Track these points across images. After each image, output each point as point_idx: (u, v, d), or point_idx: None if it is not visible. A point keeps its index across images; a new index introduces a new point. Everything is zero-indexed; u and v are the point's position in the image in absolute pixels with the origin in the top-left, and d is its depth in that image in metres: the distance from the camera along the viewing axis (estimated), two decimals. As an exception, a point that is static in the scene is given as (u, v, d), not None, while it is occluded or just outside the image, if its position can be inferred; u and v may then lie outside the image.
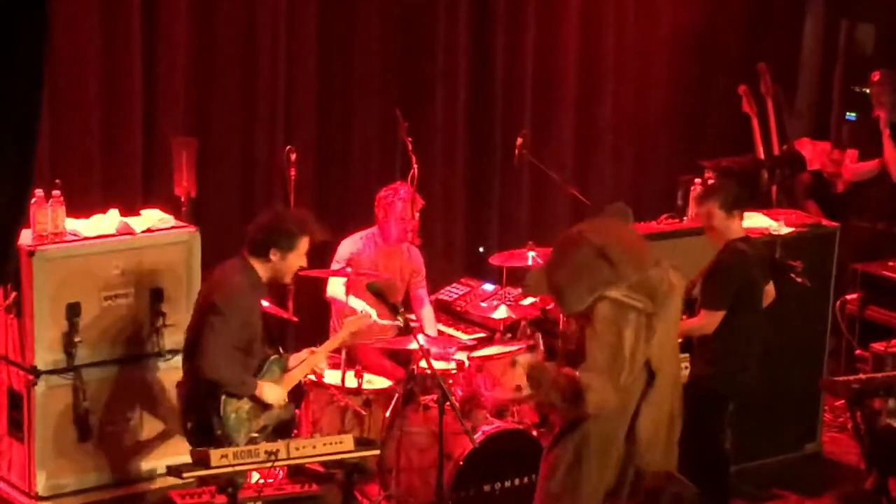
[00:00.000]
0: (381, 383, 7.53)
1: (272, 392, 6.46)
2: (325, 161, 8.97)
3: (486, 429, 7.11)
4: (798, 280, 7.71)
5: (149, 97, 8.23)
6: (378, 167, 9.03)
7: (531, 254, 7.88)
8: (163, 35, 8.24)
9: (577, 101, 9.98)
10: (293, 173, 7.94)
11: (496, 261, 8.13)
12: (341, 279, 7.77)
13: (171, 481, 6.04)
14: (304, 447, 5.74)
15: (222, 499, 5.55)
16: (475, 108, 9.57)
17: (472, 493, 7.06)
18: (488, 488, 7.12)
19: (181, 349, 6.93)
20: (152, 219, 7.16)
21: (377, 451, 6.21)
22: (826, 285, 8.24)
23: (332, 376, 7.43)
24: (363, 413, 7.31)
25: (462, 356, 7.62)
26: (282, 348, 6.99)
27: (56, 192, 6.87)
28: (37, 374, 6.77)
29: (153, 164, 8.25)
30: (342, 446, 5.81)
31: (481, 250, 9.34)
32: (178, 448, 6.84)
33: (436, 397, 6.70)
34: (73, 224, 6.98)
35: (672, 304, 5.91)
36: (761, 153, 9.99)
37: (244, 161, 8.66)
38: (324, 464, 6.03)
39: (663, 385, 5.89)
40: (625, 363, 5.72)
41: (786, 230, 8.13)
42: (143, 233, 7.06)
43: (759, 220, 8.20)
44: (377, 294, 6.57)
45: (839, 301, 8.65)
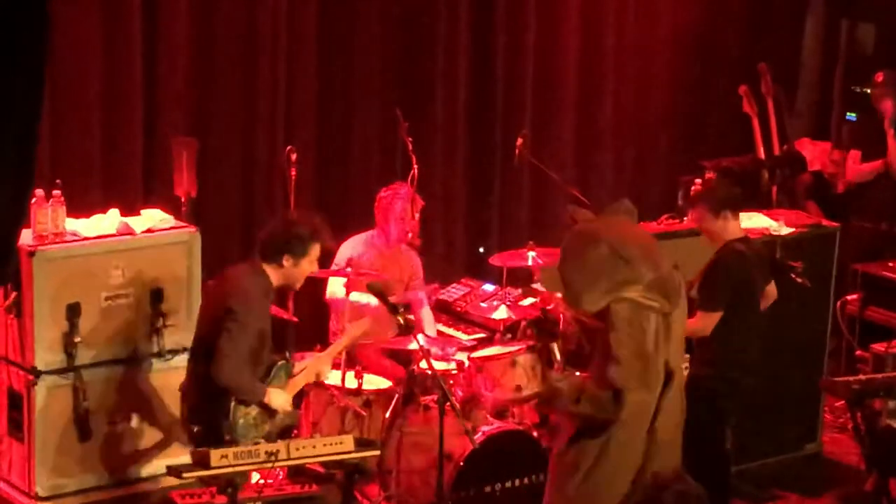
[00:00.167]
0: (381, 384, 7.53)
1: (279, 398, 6.45)
2: (326, 161, 8.97)
3: (487, 429, 7.10)
4: (798, 280, 7.71)
5: (149, 97, 8.23)
6: (378, 167, 9.03)
7: (531, 254, 7.88)
8: (163, 35, 8.24)
9: (577, 101, 9.97)
10: (293, 173, 7.94)
11: (496, 261, 8.13)
12: (341, 280, 7.77)
13: (171, 482, 6.04)
14: (304, 447, 5.74)
15: (223, 499, 5.55)
16: (475, 109, 9.57)
17: (472, 493, 7.05)
18: (488, 489, 7.11)
19: (181, 349, 6.93)
20: (153, 219, 7.16)
21: (377, 452, 6.22)
22: (826, 286, 8.24)
23: (332, 377, 7.43)
24: (363, 413, 7.31)
25: (462, 357, 7.63)
26: (287, 352, 6.98)
27: (56, 192, 6.87)
28: (37, 374, 6.77)
29: (153, 165, 8.25)
30: (342, 447, 5.81)
31: (481, 250, 9.33)
32: (178, 448, 6.84)
33: (436, 398, 6.70)
34: (73, 224, 6.98)
35: (682, 304, 5.94)
36: (762, 153, 9.99)
37: (244, 161, 8.65)
38: (324, 464, 6.03)
39: (678, 386, 5.93)
40: (650, 361, 5.75)
41: (786, 230, 8.13)
42: (143, 233, 7.05)
43: (759, 221, 8.20)
44: (378, 294, 6.58)
45: (839, 301, 8.64)
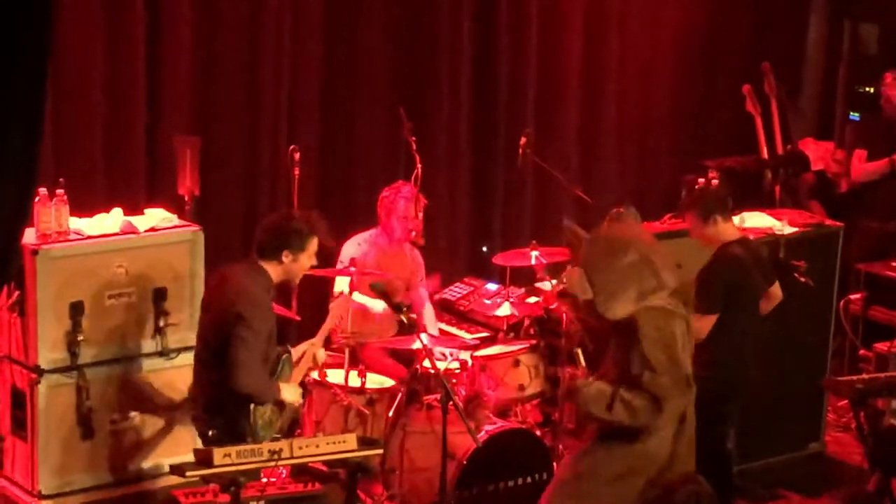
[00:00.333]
0: (384, 383, 7.53)
1: (291, 392, 6.44)
2: (329, 160, 8.97)
3: (490, 428, 7.11)
4: (801, 280, 7.71)
5: (153, 96, 8.24)
6: (382, 167, 9.03)
7: (534, 253, 7.88)
8: (166, 34, 8.25)
9: (580, 100, 9.98)
10: (297, 173, 7.94)
11: (500, 260, 8.14)
12: (346, 280, 7.77)
13: (174, 480, 6.04)
14: (307, 446, 5.74)
15: (225, 498, 5.55)
16: (479, 108, 9.57)
17: (475, 492, 7.06)
18: (492, 487, 7.12)
19: (184, 348, 6.93)
20: (156, 218, 7.16)
21: (380, 451, 6.21)
22: (830, 285, 8.24)
23: (335, 376, 7.43)
24: (366, 412, 7.31)
25: (465, 355, 7.63)
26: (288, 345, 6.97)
27: (60, 191, 6.86)
28: (40, 372, 6.77)
29: (157, 163, 8.26)
30: (345, 445, 5.81)
31: (485, 249, 9.34)
32: (181, 447, 6.84)
33: (439, 396, 6.70)
34: (76, 223, 6.97)
35: (692, 310, 6.06)
36: (765, 153, 9.99)
37: (248, 160, 8.66)
38: (327, 463, 6.03)
39: (691, 394, 6.02)
40: (682, 365, 5.86)
41: (789, 230, 8.14)
42: (146, 232, 7.04)
43: (762, 220, 8.20)
44: (381, 293, 6.58)
45: (843, 301, 8.64)
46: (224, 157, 8.51)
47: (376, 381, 7.53)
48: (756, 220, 8.17)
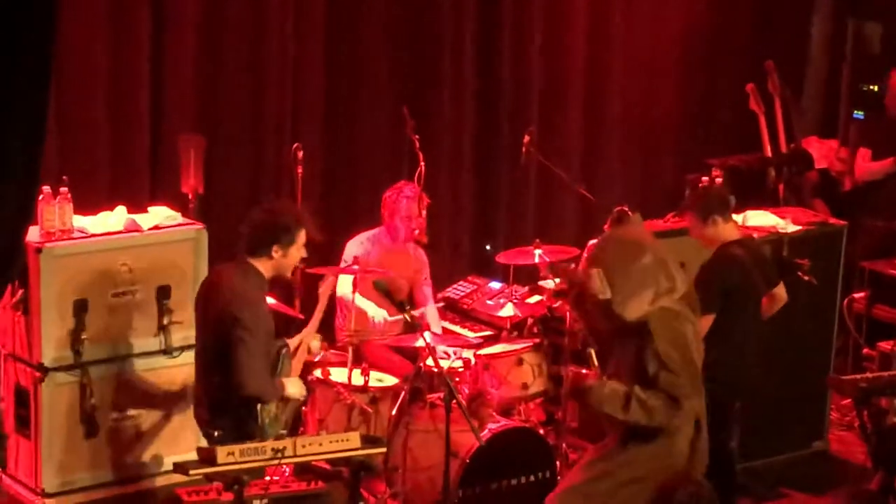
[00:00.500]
0: (387, 381, 7.53)
1: (294, 387, 6.44)
2: (333, 159, 8.97)
3: (493, 427, 7.11)
4: (805, 278, 7.71)
5: (156, 94, 8.24)
6: (385, 165, 9.02)
7: (538, 252, 7.88)
8: (170, 32, 8.24)
9: (584, 99, 9.97)
10: (300, 171, 7.94)
11: (503, 259, 8.13)
12: (349, 278, 7.77)
13: (177, 478, 6.04)
14: (310, 444, 5.73)
15: (229, 496, 5.55)
16: (482, 107, 9.56)
17: (478, 491, 7.06)
18: (495, 486, 7.12)
19: (188, 346, 6.93)
20: (160, 216, 7.17)
21: (383, 449, 6.21)
22: (833, 283, 8.23)
23: (338, 374, 7.43)
24: (369, 410, 7.30)
25: (469, 354, 7.63)
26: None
27: (64, 189, 6.87)
28: (44, 371, 6.78)
29: (161, 162, 8.26)
30: (348, 444, 5.81)
31: (488, 248, 9.33)
32: (184, 445, 6.85)
33: (442, 395, 6.70)
34: (80, 221, 6.98)
35: (698, 314, 6.12)
36: (769, 151, 9.98)
37: (252, 158, 8.66)
38: (330, 461, 6.02)
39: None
40: (696, 365, 5.93)
41: (793, 228, 8.14)
42: (150, 230, 7.06)
43: (766, 219, 8.20)
44: (384, 292, 6.58)
45: (846, 299, 8.64)
46: (228, 155, 8.50)
47: (380, 379, 7.52)
48: (760, 219, 8.17)
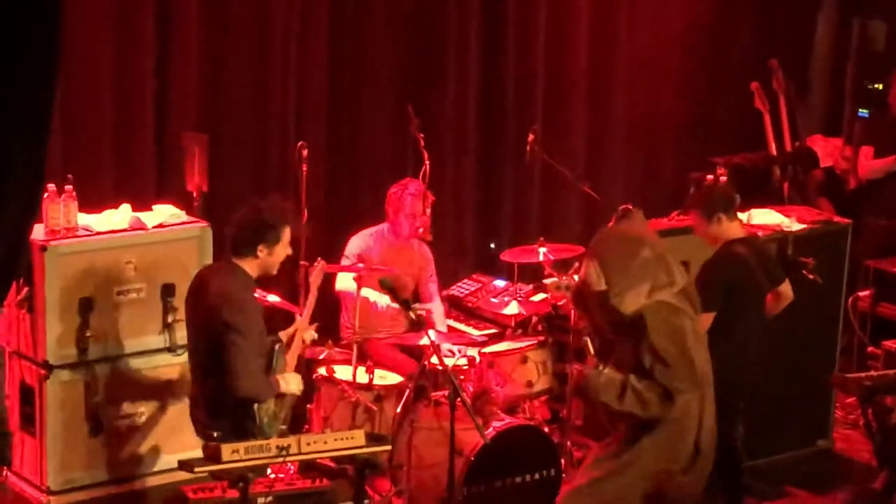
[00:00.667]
0: (392, 379, 7.54)
1: (292, 383, 6.44)
2: (337, 157, 8.97)
3: (497, 425, 7.11)
4: (810, 277, 7.70)
5: (161, 92, 8.24)
6: (390, 163, 9.02)
7: (542, 250, 7.88)
8: (175, 30, 8.24)
9: (588, 97, 9.97)
10: (305, 169, 7.94)
11: (507, 257, 8.13)
12: (351, 274, 7.78)
13: (182, 476, 6.05)
14: (315, 442, 5.74)
15: (234, 493, 5.56)
16: (487, 105, 9.56)
17: (483, 488, 7.06)
18: (499, 484, 7.13)
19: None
20: (164, 214, 7.17)
21: (388, 447, 6.21)
22: (838, 282, 8.23)
23: (343, 372, 7.44)
24: (374, 408, 7.31)
25: (473, 352, 7.63)
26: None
27: (68, 187, 6.87)
28: (49, 368, 6.79)
29: (165, 160, 8.26)
30: (353, 441, 5.81)
31: (492, 246, 9.34)
32: (189, 443, 6.84)
33: (447, 393, 6.70)
34: (85, 219, 6.98)
35: (698, 310, 6.11)
36: (773, 150, 9.98)
37: (256, 157, 8.66)
38: (335, 459, 6.03)
39: (709, 391, 6.04)
40: (694, 360, 5.91)
41: (798, 227, 8.14)
42: (154, 228, 7.05)
43: (771, 217, 8.20)
44: (388, 289, 6.58)
45: (851, 298, 8.64)
46: (232, 153, 8.51)
47: (384, 377, 7.53)
48: (764, 217, 8.17)
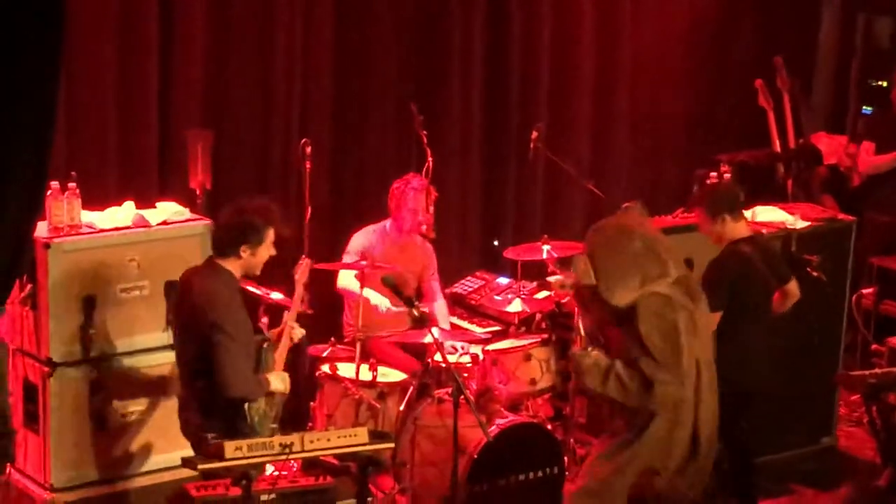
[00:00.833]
0: (395, 376, 7.53)
1: (279, 382, 6.43)
2: (341, 154, 8.96)
3: (501, 422, 7.11)
4: (814, 274, 7.70)
5: (164, 89, 8.24)
6: (393, 161, 9.02)
7: (546, 247, 7.88)
8: (178, 27, 8.24)
9: (592, 94, 9.96)
10: (308, 166, 7.94)
11: (511, 254, 8.13)
12: (353, 271, 7.77)
13: (185, 473, 6.05)
14: (318, 440, 5.74)
15: (237, 491, 5.56)
16: (490, 102, 9.56)
17: (486, 486, 7.06)
18: (503, 482, 7.12)
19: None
20: (168, 211, 7.17)
21: (391, 444, 6.21)
22: (842, 279, 8.22)
23: (346, 369, 7.43)
24: (377, 406, 7.31)
25: (477, 349, 7.63)
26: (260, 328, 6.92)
27: (72, 185, 6.87)
28: (52, 366, 6.79)
29: (168, 157, 8.26)
30: (356, 439, 5.81)
31: (496, 244, 9.33)
32: (192, 440, 6.85)
33: (450, 390, 6.69)
34: (88, 216, 6.98)
35: (704, 306, 6.06)
36: (777, 147, 9.98)
37: (260, 154, 8.66)
38: (338, 456, 6.03)
39: (709, 385, 6.01)
40: (683, 353, 5.86)
41: (802, 224, 8.13)
42: (158, 225, 7.05)
43: (775, 214, 8.19)
44: (391, 287, 6.57)
45: (855, 295, 8.63)
46: (236, 150, 8.51)
47: (388, 374, 7.53)
48: (768, 214, 8.16)
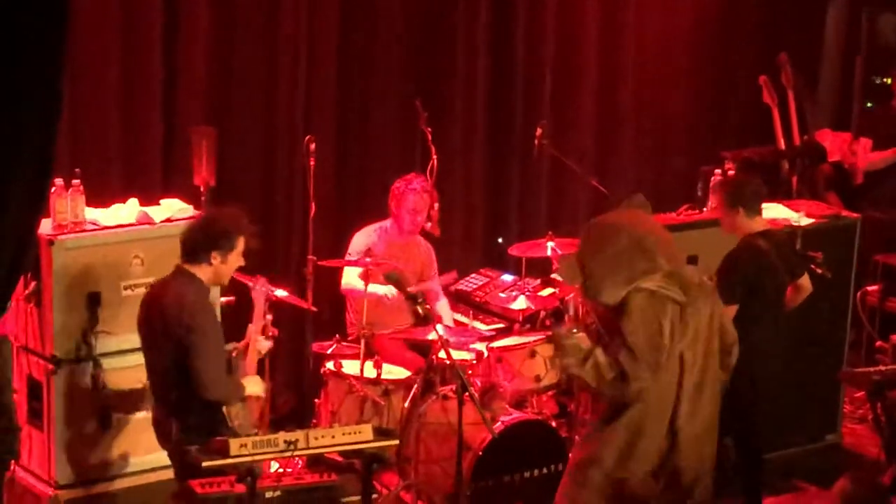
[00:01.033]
0: (400, 373, 7.53)
1: (253, 385, 6.43)
2: (345, 151, 8.96)
3: (505, 419, 7.11)
4: (819, 271, 7.69)
5: (169, 86, 8.23)
6: (397, 158, 9.01)
7: (550, 244, 7.87)
8: (183, 24, 8.24)
9: (596, 91, 9.96)
10: (312, 163, 7.94)
11: (515, 251, 8.12)
12: (355, 271, 7.76)
13: (190, 470, 6.05)
14: (322, 437, 5.74)
15: (241, 488, 5.56)
16: (494, 99, 9.55)
17: (490, 483, 7.06)
18: (507, 478, 7.12)
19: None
20: (172, 208, 7.17)
21: (396, 441, 6.21)
22: (847, 276, 8.22)
23: (351, 366, 7.43)
24: (382, 403, 7.31)
25: (481, 346, 7.63)
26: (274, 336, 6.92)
27: (76, 182, 6.88)
28: (56, 363, 6.79)
29: (173, 154, 8.25)
30: (361, 436, 5.81)
31: (500, 241, 9.33)
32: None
33: (455, 387, 6.69)
34: (92, 213, 6.99)
35: (703, 303, 5.96)
36: (782, 144, 9.97)
37: (264, 151, 8.65)
38: (342, 453, 6.03)
39: (711, 381, 5.97)
40: (664, 351, 5.79)
41: (806, 221, 8.12)
42: (162, 222, 7.06)
43: (779, 212, 8.19)
44: (395, 283, 6.57)
45: (860, 292, 8.62)
46: (240, 147, 8.50)
47: (392, 371, 7.52)
48: (773, 212, 8.15)
